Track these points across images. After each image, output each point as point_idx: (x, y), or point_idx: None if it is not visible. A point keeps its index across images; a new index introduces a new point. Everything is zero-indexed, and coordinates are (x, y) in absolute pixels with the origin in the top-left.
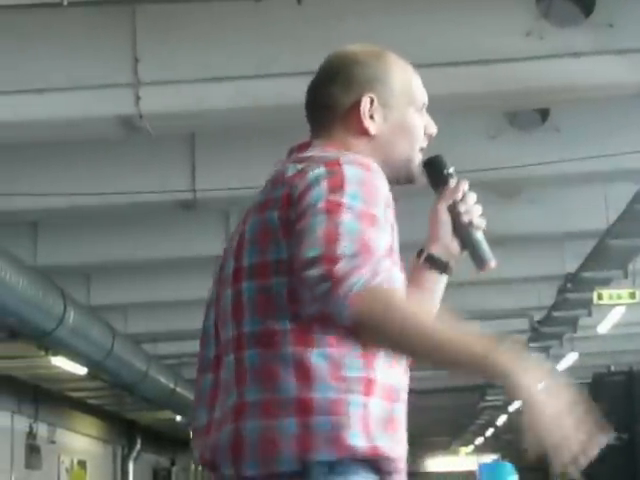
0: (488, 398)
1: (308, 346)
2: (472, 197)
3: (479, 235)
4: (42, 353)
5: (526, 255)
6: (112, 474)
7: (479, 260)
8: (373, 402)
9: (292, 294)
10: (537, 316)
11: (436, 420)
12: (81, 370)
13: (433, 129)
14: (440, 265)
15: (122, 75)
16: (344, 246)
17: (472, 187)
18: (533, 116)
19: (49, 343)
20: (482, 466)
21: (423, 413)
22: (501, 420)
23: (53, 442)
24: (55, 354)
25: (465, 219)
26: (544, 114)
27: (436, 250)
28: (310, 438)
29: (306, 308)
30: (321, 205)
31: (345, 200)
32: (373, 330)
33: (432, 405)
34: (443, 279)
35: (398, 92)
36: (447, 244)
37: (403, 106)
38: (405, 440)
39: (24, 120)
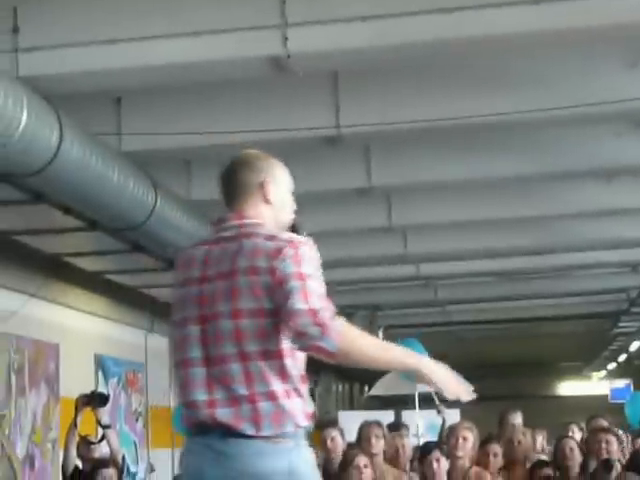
0: (621, 325)
1: (284, 359)
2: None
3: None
4: None
5: None
6: None
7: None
8: (305, 387)
9: (276, 330)
10: None
11: (569, 346)
12: None
13: (294, 207)
14: None
15: (270, 17)
16: (317, 302)
17: (612, 118)
18: None
19: None
20: (614, 391)
21: (557, 339)
22: (634, 346)
23: None
24: None
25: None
26: None
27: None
28: (297, 414)
29: (296, 342)
30: (294, 274)
31: (306, 271)
32: (350, 354)
33: (565, 331)
34: None
35: (280, 183)
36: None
37: (283, 190)
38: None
39: (179, 63)
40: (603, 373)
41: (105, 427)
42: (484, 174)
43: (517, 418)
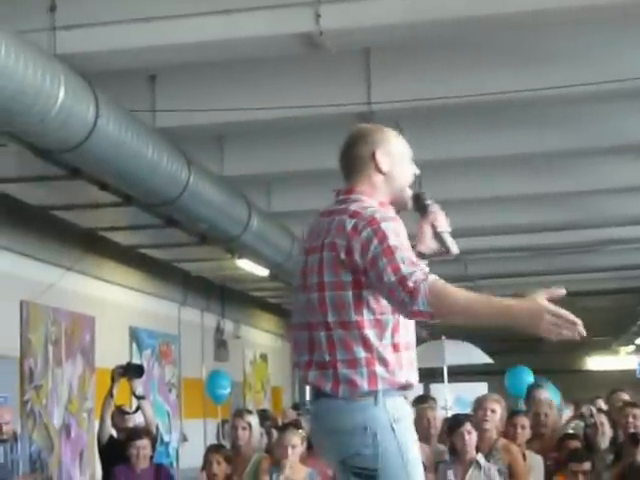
0: None
1: (365, 329)
2: (441, 215)
3: (446, 235)
4: (229, 256)
5: None
6: (290, 367)
7: (446, 250)
8: (400, 355)
9: (357, 302)
10: None
11: (598, 321)
12: (263, 272)
13: (416, 171)
14: (424, 257)
15: None
16: (405, 269)
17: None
18: None
19: (235, 247)
20: None
21: (585, 314)
22: None
23: (238, 337)
24: (240, 257)
25: (439, 229)
26: None
27: (423, 248)
28: (374, 378)
29: (399, 312)
30: (380, 253)
31: (391, 244)
32: (449, 311)
33: (594, 306)
34: (424, 263)
35: (394, 151)
36: (428, 244)
37: (398, 159)
38: (415, 372)
39: (212, 40)
40: (631, 348)
41: (140, 398)
42: (514, 150)
43: (544, 392)
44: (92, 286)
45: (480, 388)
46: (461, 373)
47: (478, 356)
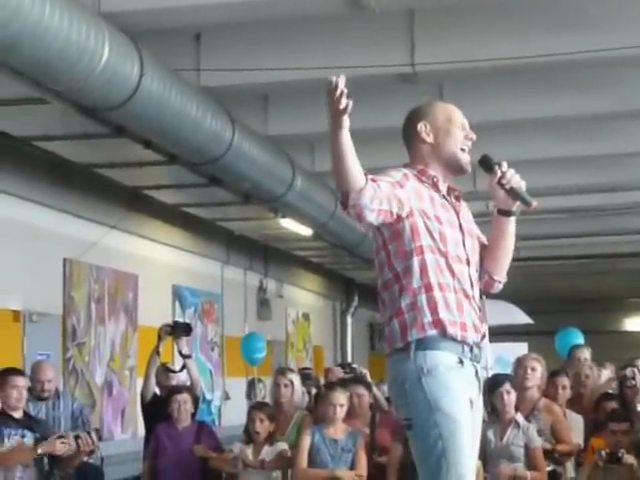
0: None
1: (399, 280)
2: (510, 172)
3: (520, 190)
4: (272, 215)
5: None
6: (332, 326)
7: (525, 203)
8: (435, 295)
9: (387, 262)
10: None
11: (638, 282)
12: (306, 231)
13: (473, 136)
14: (506, 213)
15: None
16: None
17: None
18: None
19: (279, 206)
20: None
21: (626, 275)
22: None
23: (281, 296)
24: (284, 216)
25: (507, 186)
26: None
27: (501, 205)
28: (404, 329)
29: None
30: None
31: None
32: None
33: (634, 268)
34: (512, 220)
35: (439, 121)
36: (505, 200)
37: (444, 125)
38: (458, 313)
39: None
40: None
41: (186, 357)
42: (557, 112)
43: (585, 353)
44: (135, 244)
45: (520, 348)
46: (502, 333)
47: (519, 316)
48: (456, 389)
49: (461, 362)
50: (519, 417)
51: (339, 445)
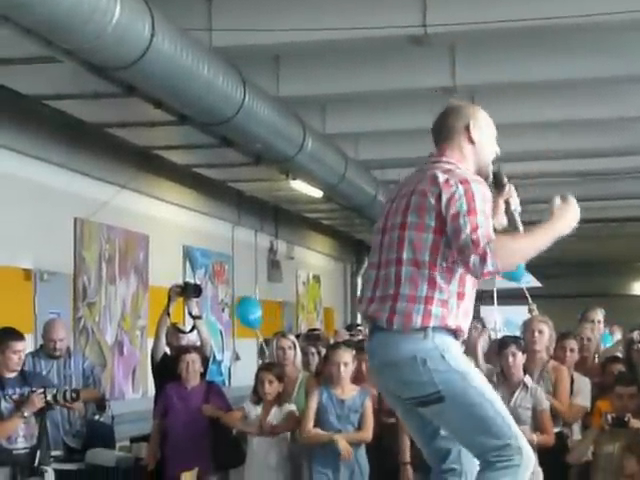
0: None
1: (435, 271)
2: (515, 195)
3: (517, 215)
4: (283, 177)
5: None
6: (342, 288)
7: (514, 227)
8: (462, 303)
9: (434, 245)
10: None
11: None
12: (317, 193)
13: (498, 150)
14: (494, 231)
15: None
16: (482, 238)
17: None
18: None
19: (290, 167)
20: None
21: (635, 239)
22: None
23: (291, 258)
24: (295, 178)
25: (511, 207)
26: None
27: (494, 222)
28: (428, 316)
29: (466, 270)
30: (465, 211)
31: (478, 207)
32: (511, 265)
33: None
34: None
35: (484, 127)
36: (500, 219)
37: (486, 133)
38: (468, 322)
39: None
40: None
41: (196, 317)
42: (568, 75)
43: (598, 315)
44: (146, 204)
45: (532, 309)
46: (511, 296)
47: (528, 280)
48: (470, 364)
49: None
50: (527, 379)
51: (346, 405)
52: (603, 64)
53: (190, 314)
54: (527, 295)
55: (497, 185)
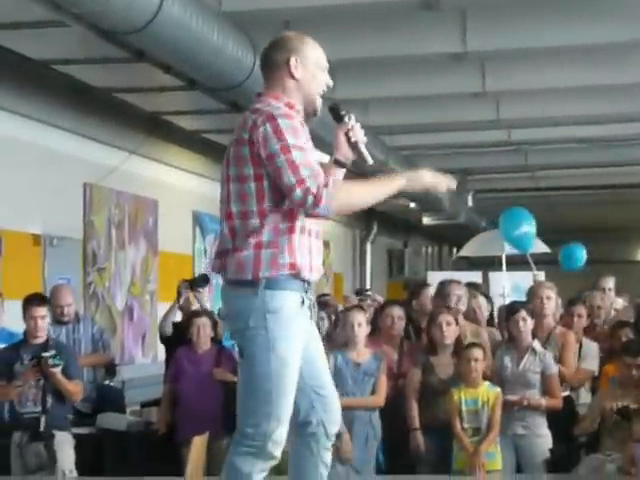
0: None
1: (263, 217)
2: (357, 126)
3: (362, 146)
4: None
5: None
6: (352, 254)
7: (362, 160)
8: (292, 237)
9: (258, 193)
10: None
11: None
12: (325, 158)
13: (330, 82)
14: (341, 164)
15: None
16: (303, 172)
17: None
18: None
19: None
20: None
21: (636, 206)
22: None
23: None
24: None
25: (353, 139)
26: None
27: (339, 156)
28: (259, 264)
29: (297, 209)
30: (278, 150)
31: (290, 142)
32: (344, 210)
33: None
34: (343, 171)
35: (309, 61)
36: (345, 153)
37: (311, 66)
38: (310, 256)
39: None
40: None
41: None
42: (579, 41)
43: (609, 283)
44: (155, 170)
45: (537, 277)
46: (521, 262)
47: (536, 245)
48: (294, 333)
49: (303, 301)
50: (536, 344)
51: (362, 369)
52: (613, 30)
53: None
54: (530, 262)
55: (335, 118)
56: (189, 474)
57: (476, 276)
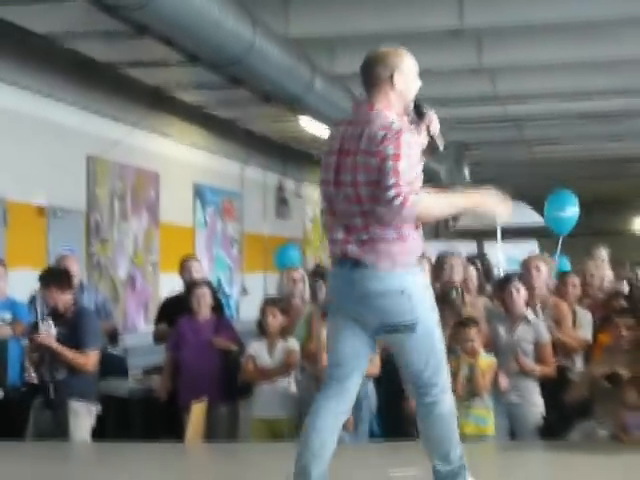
0: None
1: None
2: (435, 120)
3: (436, 137)
4: (292, 117)
5: None
6: None
7: (437, 150)
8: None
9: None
10: None
11: None
12: (325, 132)
13: (420, 84)
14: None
15: None
16: (403, 178)
17: None
18: None
19: (298, 107)
20: None
21: (634, 178)
22: None
23: (300, 196)
24: (303, 116)
25: (432, 132)
26: None
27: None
28: (404, 252)
29: (382, 205)
30: (391, 155)
31: (402, 152)
32: (424, 219)
33: None
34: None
35: (407, 71)
36: (422, 140)
37: (409, 77)
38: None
39: None
40: None
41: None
42: (576, 15)
43: (602, 254)
44: (157, 143)
45: (531, 247)
46: (516, 234)
47: (530, 216)
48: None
49: None
50: (529, 313)
51: None
52: (609, 5)
53: None
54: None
55: (418, 114)
56: (189, 439)
57: (471, 246)
